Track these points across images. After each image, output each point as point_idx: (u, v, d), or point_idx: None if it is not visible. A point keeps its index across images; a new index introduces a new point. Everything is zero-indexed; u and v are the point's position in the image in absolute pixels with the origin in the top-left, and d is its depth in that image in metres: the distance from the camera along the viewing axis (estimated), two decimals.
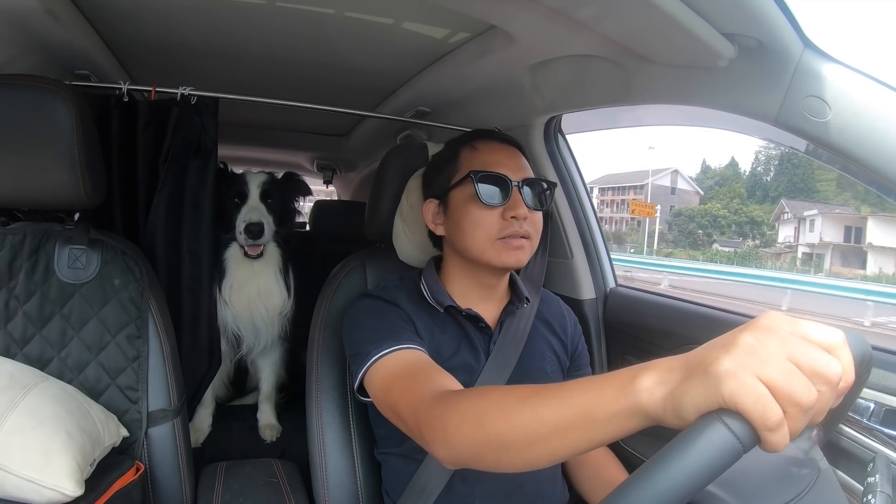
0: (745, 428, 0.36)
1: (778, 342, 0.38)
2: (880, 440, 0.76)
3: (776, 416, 0.36)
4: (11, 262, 0.98)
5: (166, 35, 1.26)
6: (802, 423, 0.37)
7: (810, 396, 0.36)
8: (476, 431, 0.58)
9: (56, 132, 0.91)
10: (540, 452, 0.52)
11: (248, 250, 1.46)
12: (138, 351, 1.01)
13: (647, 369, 0.45)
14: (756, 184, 39.66)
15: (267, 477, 1.09)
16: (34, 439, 0.78)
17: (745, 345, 0.38)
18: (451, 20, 1.09)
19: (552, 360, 1.00)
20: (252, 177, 1.52)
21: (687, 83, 0.91)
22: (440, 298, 0.92)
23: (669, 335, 1.16)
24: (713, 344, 0.41)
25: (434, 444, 0.64)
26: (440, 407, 0.64)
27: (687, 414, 0.40)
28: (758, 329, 0.39)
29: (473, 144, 0.94)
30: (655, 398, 0.42)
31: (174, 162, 1.25)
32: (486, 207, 0.88)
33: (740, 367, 0.37)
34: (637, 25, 0.84)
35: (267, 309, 1.52)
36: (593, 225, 1.40)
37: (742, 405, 0.36)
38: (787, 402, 0.36)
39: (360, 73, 1.44)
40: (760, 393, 0.36)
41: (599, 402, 0.47)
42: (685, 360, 0.42)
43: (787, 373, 0.37)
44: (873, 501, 0.50)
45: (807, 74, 0.74)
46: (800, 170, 34.38)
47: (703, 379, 0.39)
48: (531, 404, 0.53)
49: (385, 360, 0.79)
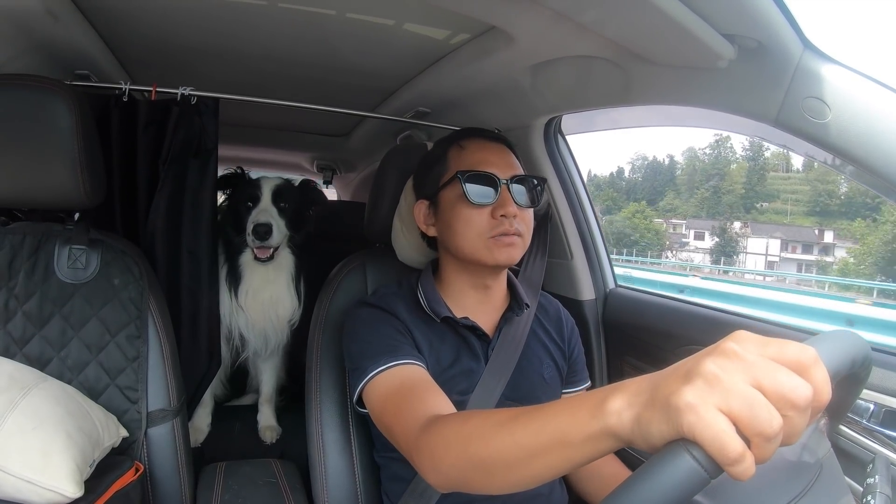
0: (708, 458, 0.35)
1: (741, 368, 0.37)
2: (880, 441, 0.76)
3: (735, 451, 0.35)
4: (11, 262, 0.98)
5: (167, 35, 1.26)
6: (770, 451, 0.36)
7: (773, 426, 0.35)
8: (460, 458, 0.60)
9: (56, 132, 0.91)
10: (522, 475, 0.53)
11: (256, 253, 1.43)
12: (138, 351, 1.01)
13: (617, 392, 0.44)
14: (630, 189, 41.50)
15: (266, 477, 1.09)
16: (34, 440, 0.77)
17: (707, 374, 0.37)
18: (452, 21, 1.09)
19: (550, 365, 1.00)
20: (265, 180, 1.50)
21: (687, 84, 0.91)
22: (437, 308, 0.92)
23: (669, 336, 1.16)
24: (677, 369, 0.40)
25: (424, 471, 0.66)
26: (427, 434, 0.66)
27: (654, 440, 0.39)
28: (721, 354, 0.38)
29: (461, 143, 0.94)
30: (624, 422, 0.42)
31: (174, 162, 1.25)
32: (476, 207, 0.88)
33: (700, 399, 0.36)
34: (637, 26, 0.84)
35: (278, 316, 1.51)
36: (593, 225, 1.40)
37: (700, 440, 0.36)
38: (750, 433, 0.35)
39: (360, 73, 1.44)
40: (719, 428, 0.35)
41: (573, 425, 0.47)
42: (652, 382, 0.42)
43: (748, 403, 0.35)
44: (873, 502, 0.50)
45: (807, 75, 0.74)
46: (660, 175, 35.90)
47: (664, 410, 0.38)
48: (510, 429, 0.54)
49: (381, 378, 0.80)
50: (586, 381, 1.06)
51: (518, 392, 0.92)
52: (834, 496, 0.48)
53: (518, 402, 0.92)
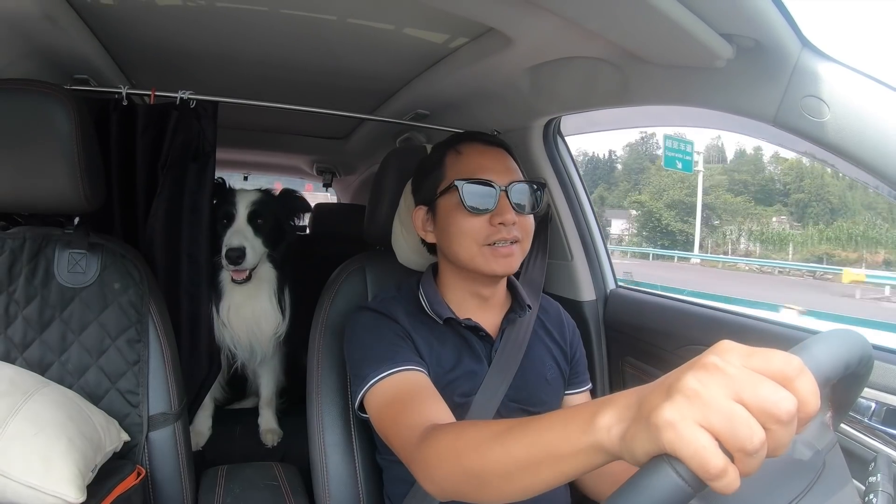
0: (691, 473, 0.35)
1: (722, 383, 0.36)
2: (881, 440, 0.76)
3: (716, 467, 0.34)
4: (11, 267, 0.98)
5: (165, 39, 1.26)
6: (754, 465, 0.35)
7: (754, 441, 0.35)
8: (455, 470, 0.60)
9: (55, 137, 0.91)
10: (515, 487, 0.53)
11: (232, 275, 1.39)
12: (138, 355, 1.01)
13: (607, 406, 0.44)
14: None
15: (268, 480, 1.09)
16: (35, 445, 0.77)
17: (687, 389, 0.37)
18: (450, 24, 1.09)
19: (553, 367, 0.99)
20: (242, 195, 1.45)
21: (685, 84, 0.91)
22: (439, 310, 0.91)
23: (670, 336, 1.15)
24: (661, 384, 0.40)
25: (420, 480, 0.67)
26: (423, 446, 0.66)
27: (639, 456, 0.39)
28: (702, 368, 0.38)
29: (458, 149, 0.93)
30: (612, 437, 0.42)
31: (173, 166, 1.25)
32: (473, 214, 0.87)
33: (680, 416, 0.36)
34: (635, 27, 0.84)
35: (262, 331, 1.50)
36: (593, 226, 1.40)
37: (681, 456, 0.36)
38: (731, 448, 0.35)
39: (358, 76, 1.44)
40: (700, 444, 0.35)
41: (565, 439, 0.47)
42: (639, 397, 0.42)
43: (728, 418, 0.35)
44: (875, 501, 0.50)
45: (805, 74, 0.74)
46: (599, 170, 37.69)
47: (645, 427, 0.38)
48: (502, 441, 0.54)
49: (381, 385, 0.80)
50: (588, 384, 1.06)
51: (521, 394, 0.92)
52: (837, 491, 0.48)
53: (521, 404, 0.92)
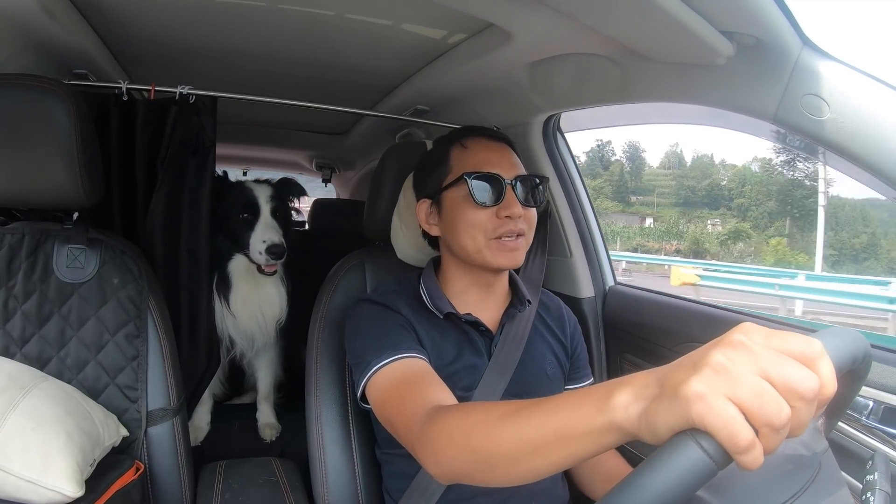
0: (717, 448, 0.35)
1: (749, 359, 0.37)
2: (879, 438, 0.76)
3: (745, 439, 0.35)
4: (10, 262, 0.98)
5: (165, 34, 1.25)
6: (777, 442, 0.36)
7: (782, 416, 0.35)
8: (462, 451, 0.60)
9: (54, 132, 0.91)
10: (524, 468, 0.53)
11: (265, 269, 1.44)
12: (137, 350, 1.01)
13: (623, 385, 0.44)
14: None
15: (266, 476, 1.09)
16: (34, 440, 0.77)
17: (715, 364, 0.37)
18: (450, 19, 1.08)
19: (553, 362, 1.00)
20: (259, 189, 1.49)
21: (685, 81, 0.91)
22: (440, 305, 0.92)
23: (668, 333, 1.16)
24: (684, 361, 0.40)
25: (426, 463, 0.66)
26: (429, 426, 0.65)
27: (661, 433, 0.39)
28: (729, 345, 0.38)
29: (464, 143, 0.93)
30: (631, 416, 0.42)
31: (172, 161, 1.25)
32: (481, 207, 0.88)
33: (709, 388, 0.36)
34: (635, 24, 0.84)
35: (265, 317, 1.52)
36: (592, 223, 1.40)
37: (710, 428, 0.36)
38: (758, 423, 0.35)
39: (358, 71, 1.43)
40: (729, 416, 0.35)
41: (577, 419, 0.47)
42: (659, 375, 0.42)
43: (757, 392, 0.36)
44: (872, 499, 0.50)
45: (805, 72, 0.74)
46: None
47: (672, 400, 0.38)
48: (512, 422, 0.54)
49: (384, 372, 0.80)
50: (589, 378, 1.07)
51: (521, 388, 0.93)
52: (832, 493, 0.49)
53: (521, 398, 0.92)
